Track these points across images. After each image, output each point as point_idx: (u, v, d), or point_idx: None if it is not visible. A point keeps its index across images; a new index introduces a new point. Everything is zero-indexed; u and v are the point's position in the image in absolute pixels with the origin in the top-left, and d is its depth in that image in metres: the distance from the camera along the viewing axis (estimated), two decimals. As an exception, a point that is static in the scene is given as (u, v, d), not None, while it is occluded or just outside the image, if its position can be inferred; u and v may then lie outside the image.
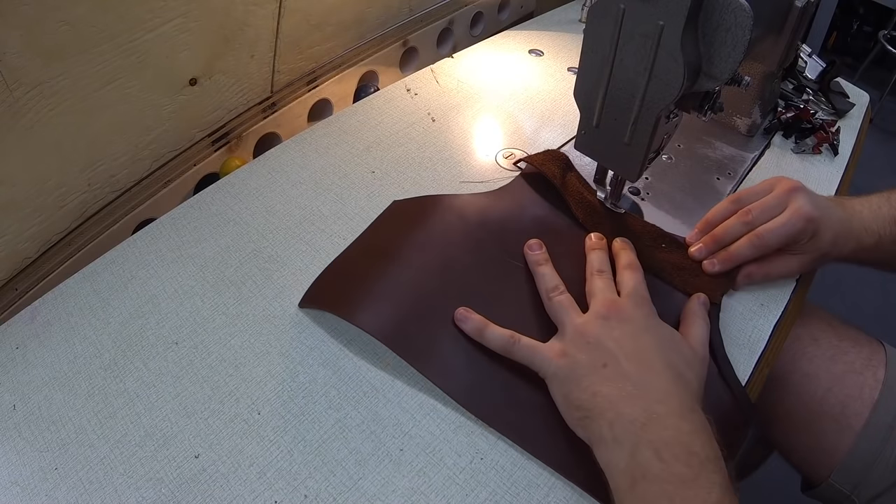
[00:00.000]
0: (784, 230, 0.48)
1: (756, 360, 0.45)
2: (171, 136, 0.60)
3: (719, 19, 0.41)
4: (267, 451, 0.38)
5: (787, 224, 0.48)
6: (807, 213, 0.47)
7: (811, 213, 0.47)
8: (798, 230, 0.47)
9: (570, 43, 0.83)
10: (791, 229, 0.47)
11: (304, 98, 0.74)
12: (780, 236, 0.48)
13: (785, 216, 0.48)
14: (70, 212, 0.53)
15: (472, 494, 0.37)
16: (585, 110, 0.49)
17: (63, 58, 0.46)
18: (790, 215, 0.48)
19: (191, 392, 0.41)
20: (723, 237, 0.50)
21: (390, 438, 0.39)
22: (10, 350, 0.43)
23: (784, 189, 0.49)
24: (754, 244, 0.48)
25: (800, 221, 0.47)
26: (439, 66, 0.75)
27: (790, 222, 0.48)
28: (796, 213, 0.48)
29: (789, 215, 0.48)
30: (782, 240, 0.48)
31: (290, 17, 0.65)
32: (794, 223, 0.47)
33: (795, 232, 0.47)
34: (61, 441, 0.38)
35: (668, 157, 0.64)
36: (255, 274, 0.48)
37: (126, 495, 0.36)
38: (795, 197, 0.48)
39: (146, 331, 0.44)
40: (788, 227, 0.48)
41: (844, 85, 0.79)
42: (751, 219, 0.49)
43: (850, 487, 0.50)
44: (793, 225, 0.47)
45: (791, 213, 0.48)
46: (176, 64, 0.56)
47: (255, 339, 0.44)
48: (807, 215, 0.47)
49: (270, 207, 0.54)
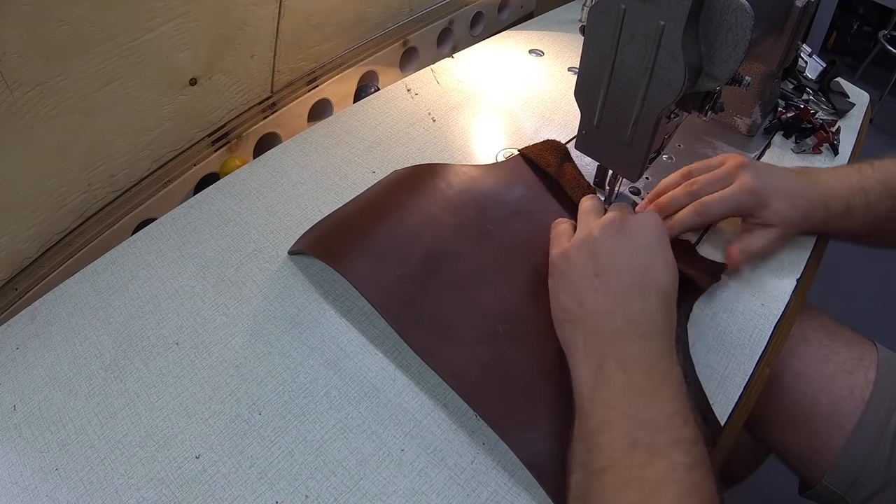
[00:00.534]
0: (726, 200, 0.49)
1: (756, 360, 0.45)
2: (171, 136, 0.60)
3: (720, 19, 0.41)
4: (268, 451, 0.38)
5: (731, 195, 0.49)
6: (751, 186, 0.49)
7: (754, 186, 0.49)
8: (741, 202, 0.49)
9: (570, 43, 0.82)
10: (733, 200, 0.49)
11: (305, 98, 0.73)
12: (722, 206, 0.49)
13: (730, 189, 0.49)
14: (70, 212, 0.53)
15: (474, 494, 0.37)
16: (586, 110, 0.49)
17: (63, 58, 0.46)
18: (735, 188, 0.49)
19: (191, 392, 0.41)
20: (668, 205, 0.51)
21: (391, 439, 0.39)
22: (11, 350, 0.43)
23: (733, 164, 0.51)
24: (698, 212, 0.49)
25: (744, 194, 0.49)
26: (439, 66, 0.75)
27: (734, 194, 0.49)
28: (741, 186, 0.49)
29: (734, 188, 0.49)
30: (726, 210, 0.49)
31: (290, 17, 0.65)
32: (738, 195, 0.49)
33: (739, 203, 0.49)
34: (62, 441, 0.38)
35: (669, 157, 0.64)
36: (255, 274, 0.48)
37: (127, 496, 0.36)
38: (742, 171, 0.50)
39: (147, 331, 0.44)
40: (732, 198, 0.49)
41: (844, 85, 0.79)
42: (696, 189, 0.50)
43: (843, 488, 0.50)
44: (736, 197, 0.49)
45: (736, 186, 0.49)
46: (176, 64, 0.56)
47: (255, 340, 0.44)
48: (750, 188, 0.49)
49: (271, 207, 0.54)
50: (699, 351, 0.45)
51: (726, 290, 0.50)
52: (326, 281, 0.48)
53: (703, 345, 0.46)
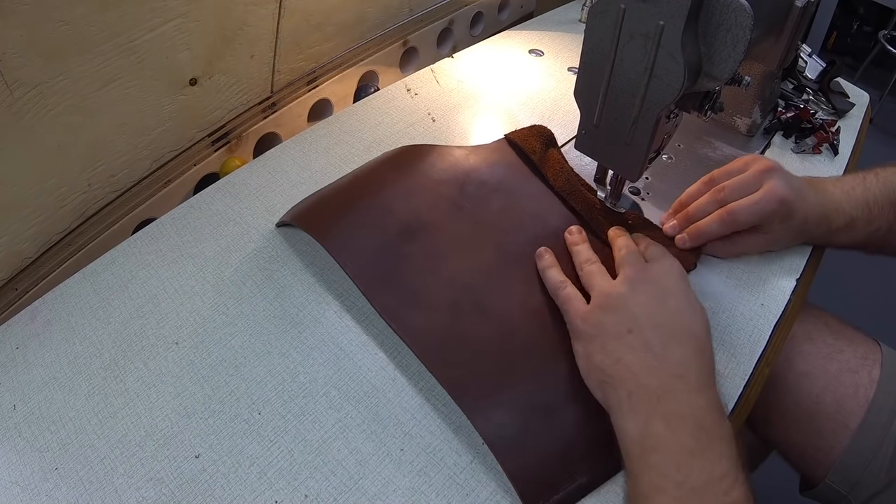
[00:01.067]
0: (756, 208, 0.47)
1: (756, 360, 0.45)
2: (171, 136, 0.60)
3: (720, 19, 0.41)
4: (267, 450, 0.38)
5: (760, 203, 0.47)
6: (781, 194, 0.47)
7: (785, 195, 0.47)
8: (770, 211, 0.47)
9: (570, 43, 0.82)
10: (763, 209, 0.47)
11: (305, 98, 0.73)
12: (751, 214, 0.47)
13: (758, 195, 0.47)
14: (70, 212, 0.53)
15: (473, 494, 0.37)
16: (585, 110, 0.49)
17: (63, 58, 0.46)
18: (763, 195, 0.47)
19: (191, 392, 0.41)
20: (694, 214, 0.50)
21: (391, 438, 0.39)
22: (10, 350, 0.43)
23: (760, 169, 0.49)
24: (724, 220, 0.48)
25: (773, 202, 0.47)
26: (439, 66, 0.75)
27: (763, 201, 0.47)
28: (770, 193, 0.47)
29: (763, 194, 0.47)
30: (754, 218, 0.48)
31: (290, 17, 0.65)
32: (767, 203, 0.47)
33: (768, 212, 0.47)
34: (61, 441, 0.38)
35: (669, 156, 0.64)
36: (255, 274, 0.48)
37: (126, 495, 0.36)
38: (771, 176, 0.48)
39: (146, 331, 0.44)
40: (761, 205, 0.47)
41: (844, 85, 0.79)
42: (723, 196, 0.49)
43: (846, 487, 0.50)
44: (765, 204, 0.47)
45: (765, 192, 0.47)
46: (176, 64, 0.56)
47: (255, 339, 0.44)
48: (781, 196, 0.47)
49: (271, 207, 0.54)
50: (699, 351, 0.45)
51: (726, 290, 0.50)
52: (326, 281, 0.48)
53: (702, 345, 0.46)
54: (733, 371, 0.44)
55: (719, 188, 0.49)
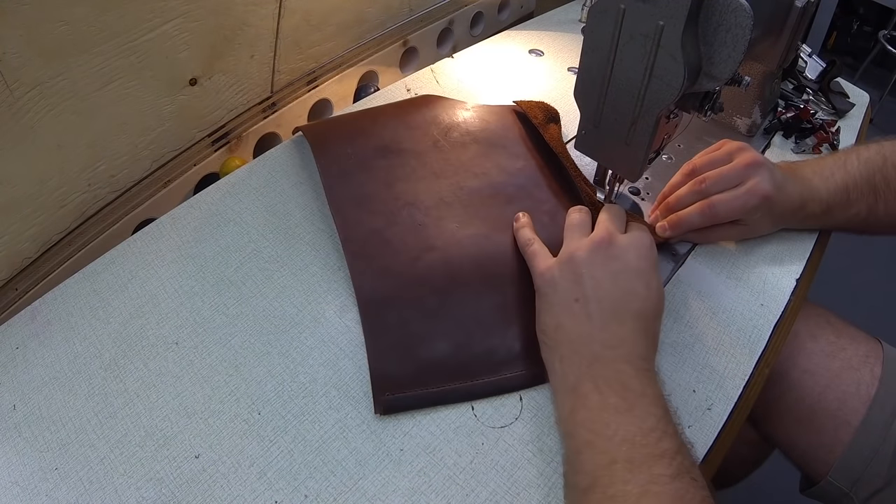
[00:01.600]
0: (738, 204, 0.47)
1: (756, 359, 0.45)
2: (171, 136, 0.60)
3: (719, 19, 0.41)
4: (267, 451, 0.38)
5: (743, 199, 0.47)
6: (765, 191, 0.47)
7: (769, 192, 0.47)
8: (752, 206, 0.47)
9: (570, 43, 0.82)
10: (746, 204, 0.47)
11: (305, 98, 0.73)
12: (733, 210, 0.47)
13: (742, 191, 0.47)
14: (70, 212, 0.53)
15: (473, 494, 0.37)
16: (585, 110, 0.49)
17: (63, 58, 0.46)
18: (747, 191, 0.47)
19: (191, 392, 0.41)
20: (675, 205, 0.50)
21: (391, 438, 0.39)
22: (10, 350, 0.43)
23: (744, 163, 0.48)
24: (704, 213, 0.48)
25: (756, 199, 0.47)
26: (439, 66, 0.75)
27: (746, 198, 0.47)
28: (754, 190, 0.47)
29: (746, 191, 0.47)
30: (734, 213, 0.48)
31: (290, 17, 0.65)
32: (750, 200, 0.47)
33: (749, 208, 0.47)
34: (61, 441, 0.38)
35: (668, 157, 0.64)
36: (255, 274, 0.48)
37: (126, 495, 0.36)
38: (756, 172, 0.48)
39: (146, 331, 0.44)
40: (743, 201, 0.47)
41: (844, 85, 0.79)
42: (704, 188, 0.49)
43: (848, 485, 0.50)
44: (748, 200, 0.47)
45: (749, 189, 0.47)
46: (176, 64, 0.56)
47: (255, 339, 0.44)
48: (764, 193, 0.47)
49: (270, 207, 0.54)
50: (699, 351, 0.45)
51: (726, 290, 0.50)
52: (326, 281, 0.48)
53: (702, 345, 0.46)
54: (733, 371, 0.44)
55: (700, 179, 0.49)
